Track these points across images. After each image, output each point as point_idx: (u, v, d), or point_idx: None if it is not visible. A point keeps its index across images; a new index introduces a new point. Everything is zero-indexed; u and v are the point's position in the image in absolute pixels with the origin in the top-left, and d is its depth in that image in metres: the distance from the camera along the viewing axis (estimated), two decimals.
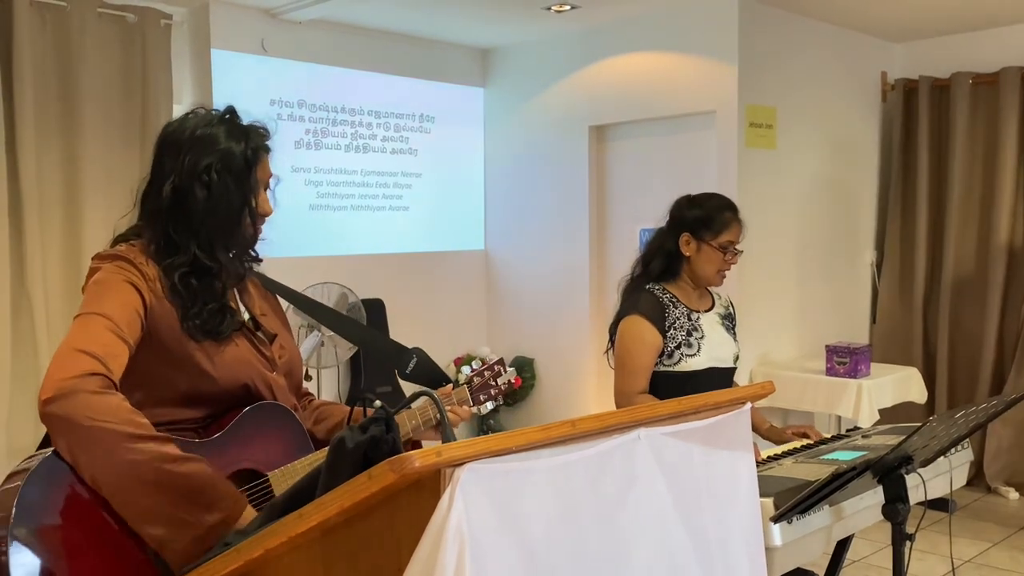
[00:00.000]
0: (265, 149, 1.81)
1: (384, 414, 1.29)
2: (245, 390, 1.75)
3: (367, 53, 5.26)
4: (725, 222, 2.70)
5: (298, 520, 1.20)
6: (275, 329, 1.89)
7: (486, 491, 1.08)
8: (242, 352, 1.76)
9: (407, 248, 5.52)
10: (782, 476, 2.17)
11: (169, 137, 1.77)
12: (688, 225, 2.71)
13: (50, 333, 4.03)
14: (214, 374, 1.70)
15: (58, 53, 4.03)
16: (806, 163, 5.12)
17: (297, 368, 1.93)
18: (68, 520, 1.50)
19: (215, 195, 1.72)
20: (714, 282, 2.74)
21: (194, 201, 1.71)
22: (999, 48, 5.16)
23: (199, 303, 1.71)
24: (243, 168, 1.74)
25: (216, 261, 1.74)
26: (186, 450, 1.56)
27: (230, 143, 1.74)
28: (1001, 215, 5.10)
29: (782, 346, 5.06)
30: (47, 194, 4.02)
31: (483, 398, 2.18)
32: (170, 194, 1.72)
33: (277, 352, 1.85)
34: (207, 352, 1.70)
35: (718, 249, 2.69)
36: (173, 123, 1.79)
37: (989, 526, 4.49)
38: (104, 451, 1.48)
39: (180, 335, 1.68)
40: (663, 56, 4.96)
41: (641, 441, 1.33)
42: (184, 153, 1.72)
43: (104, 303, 1.63)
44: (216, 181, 1.71)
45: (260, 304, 1.90)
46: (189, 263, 1.72)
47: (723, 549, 1.47)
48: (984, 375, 5.16)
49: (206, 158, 1.72)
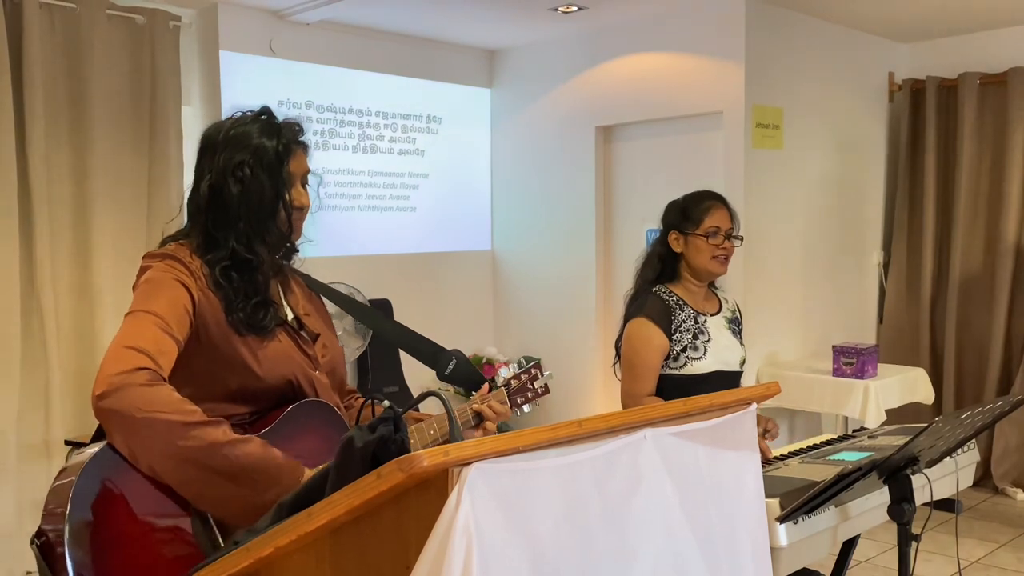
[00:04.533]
0: (298, 144, 1.85)
1: (392, 414, 1.30)
2: (289, 387, 1.79)
3: (374, 54, 5.27)
4: (704, 209, 2.72)
5: (307, 519, 1.21)
6: (318, 329, 1.93)
7: (493, 490, 1.09)
8: (285, 348, 1.81)
9: (414, 248, 5.53)
10: (788, 476, 2.18)
11: (207, 139, 1.84)
12: (673, 223, 2.75)
13: (59, 332, 4.06)
14: (258, 370, 1.75)
15: (67, 55, 4.06)
16: (813, 164, 5.12)
17: (340, 367, 1.97)
18: (121, 512, 1.55)
19: (249, 189, 1.77)
20: (715, 270, 2.74)
21: (229, 196, 1.77)
22: (1007, 48, 5.15)
23: (241, 296, 1.76)
24: (275, 162, 1.79)
25: (254, 254, 1.79)
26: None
27: (262, 139, 1.79)
28: (1009, 216, 5.09)
29: (789, 346, 5.06)
30: (56, 194, 4.05)
31: (520, 401, 2.19)
32: (207, 192, 1.79)
33: (320, 351, 1.90)
34: (251, 347, 1.75)
35: (703, 236, 2.69)
36: (210, 127, 1.86)
37: (996, 527, 4.48)
38: (159, 441, 1.53)
39: (226, 329, 1.73)
40: (670, 57, 4.96)
41: (647, 441, 1.33)
42: (219, 152, 1.79)
43: (153, 301, 1.68)
44: (249, 176, 1.77)
45: (304, 304, 1.95)
46: (229, 257, 1.77)
47: (729, 549, 1.47)
48: (991, 376, 5.15)
49: (239, 155, 1.78)
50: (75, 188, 4.11)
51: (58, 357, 4.04)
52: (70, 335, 4.13)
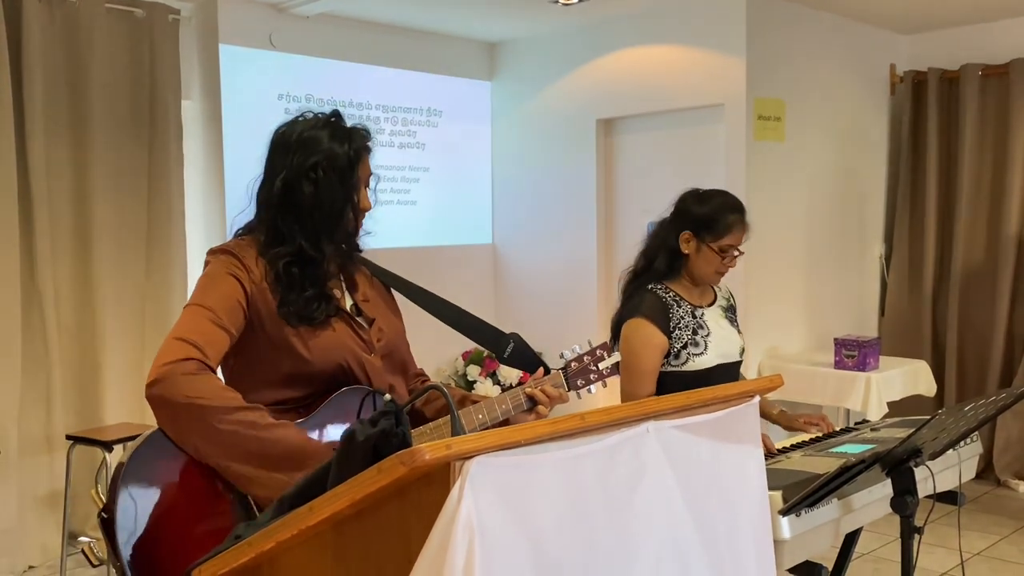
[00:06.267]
0: (366, 150, 1.94)
1: (394, 407, 1.30)
2: (341, 371, 1.87)
3: (374, 47, 5.26)
4: (728, 225, 2.61)
5: (309, 513, 1.20)
6: (375, 313, 2.01)
7: (495, 484, 1.09)
8: (339, 336, 1.88)
9: (415, 242, 5.52)
10: (791, 469, 2.17)
11: (279, 138, 1.92)
12: (691, 223, 2.63)
13: (60, 326, 4.06)
14: (308, 357, 1.83)
15: (67, 48, 4.05)
16: (815, 156, 5.10)
17: (399, 350, 2.04)
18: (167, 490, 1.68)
19: (321, 191, 1.86)
20: (712, 281, 2.69)
21: (302, 196, 1.86)
22: (1009, 39, 5.13)
23: (297, 290, 1.84)
24: (346, 167, 1.88)
25: (320, 251, 1.88)
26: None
27: (333, 144, 1.88)
28: (1011, 207, 5.08)
29: (790, 339, 5.05)
30: (56, 188, 4.04)
31: (581, 383, 2.14)
32: (280, 189, 1.87)
33: (375, 335, 1.97)
34: (302, 336, 1.83)
35: (717, 252, 2.61)
36: (283, 126, 1.94)
37: (999, 519, 4.48)
38: (202, 425, 1.65)
39: (278, 320, 1.82)
40: (671, 49, 4.95)
41: (650, 434, 1.33)
42: (293, 153, 1.88)
43: (208, 295, 1.80)
44: (323, 178, 1.86)
45: (365, 291, 2.03)
46: (295, 252, 1.86)
47: (731, 542, 1.47)
48: (993, 368, 5.14)
49: (313, 157, 1.86)
50: (75, 182, 4.11)
51: (59, 351, 4.04)
52: (71, 329, 4.13)
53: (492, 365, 5.49)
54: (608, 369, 2.17)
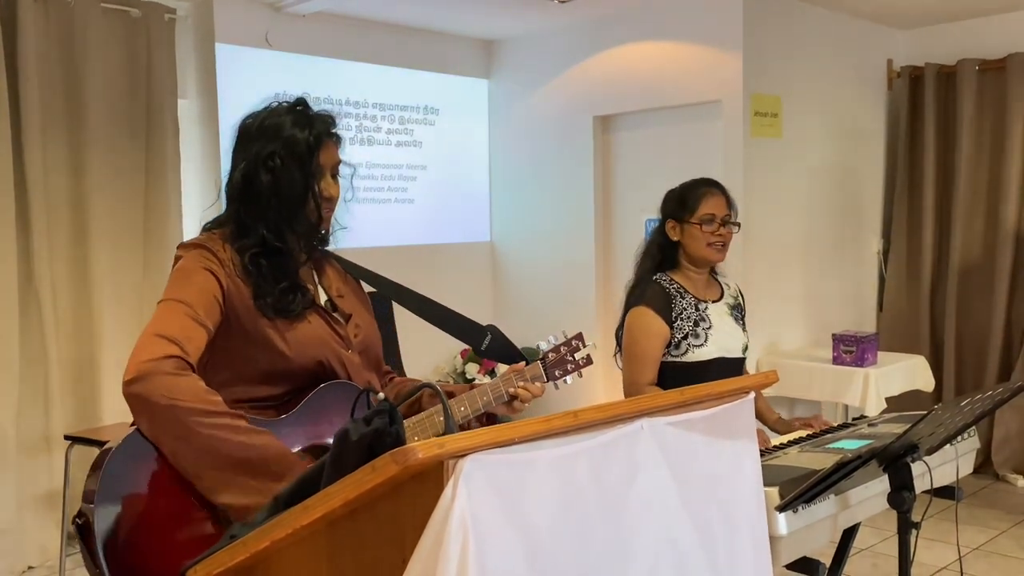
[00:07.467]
0: (329, 135, 1.89)
1: (388, 406, 1.30)
2: (320, 367, 1.84)
3: (371, 46, 5.25)
4: (699, 196, 2.72)
5: (303, 512, 1.20)
6: (351, 309, 1.98)
7: (489, 482, 1.09)
8: (315, 330, 1.85)
9: (412, 240, 5.52)
10: (787, 465, 2.17)
11: (242, 128, 1.89)
12: (669, 211, 2.76)
13: (58, 326, 4.05)
14: (287, 351, 1.80)
15: (62, 48, 4.04)
16: (812, 152, 5.10)
17: (374, 347, 2.01)
18: (146, 494, 1.63)
19: (279, 179, 1.82)
20: (711, 257, 2.73)
21: (260, 186, 1.82)
22: (1006, 34, 5.12)
23: (270, 282, 1.81)
24: (305, 153, 1.84)
25: (284, 242, 1.85)
26: (261, 427, 1.68)
27: (294, 130, 1.83)
28: (1008, 202, 5.07)
29: (789, 335, 5.05)
30: (53, 188, 4.04)
31: (559, 373, 2.17)
32: (240, 180, 1.84)
33: (352, 331, 1.94)
34: (279, 330, 1.80)
35: (698, 224, 2.69)
36: (247, 116, 1.90)
37: (996, 514, 4.48)
38: (181, 427, 1.60)
39: (254, 313, 1.78)
40: (668, 46, 4.94)
41: (644, 431, 1.33)
42: (253, 142, 1.85)
43: (183, 290, 1.75)
44: (280, 166, 1.82)
45: (338, 286, 2.00)
46: (259, 244, 1.83)
47: (728, 538, 1.47)
48: (991, 363, 5.14)
49: (271, 145, 1.82)
50: (71, 181, 4.10)
51: (57, 351, 4.03)
52: (69, 328, 4.12)
53: (491, 363, 5.49)
54: (584, 359, 2.20)
